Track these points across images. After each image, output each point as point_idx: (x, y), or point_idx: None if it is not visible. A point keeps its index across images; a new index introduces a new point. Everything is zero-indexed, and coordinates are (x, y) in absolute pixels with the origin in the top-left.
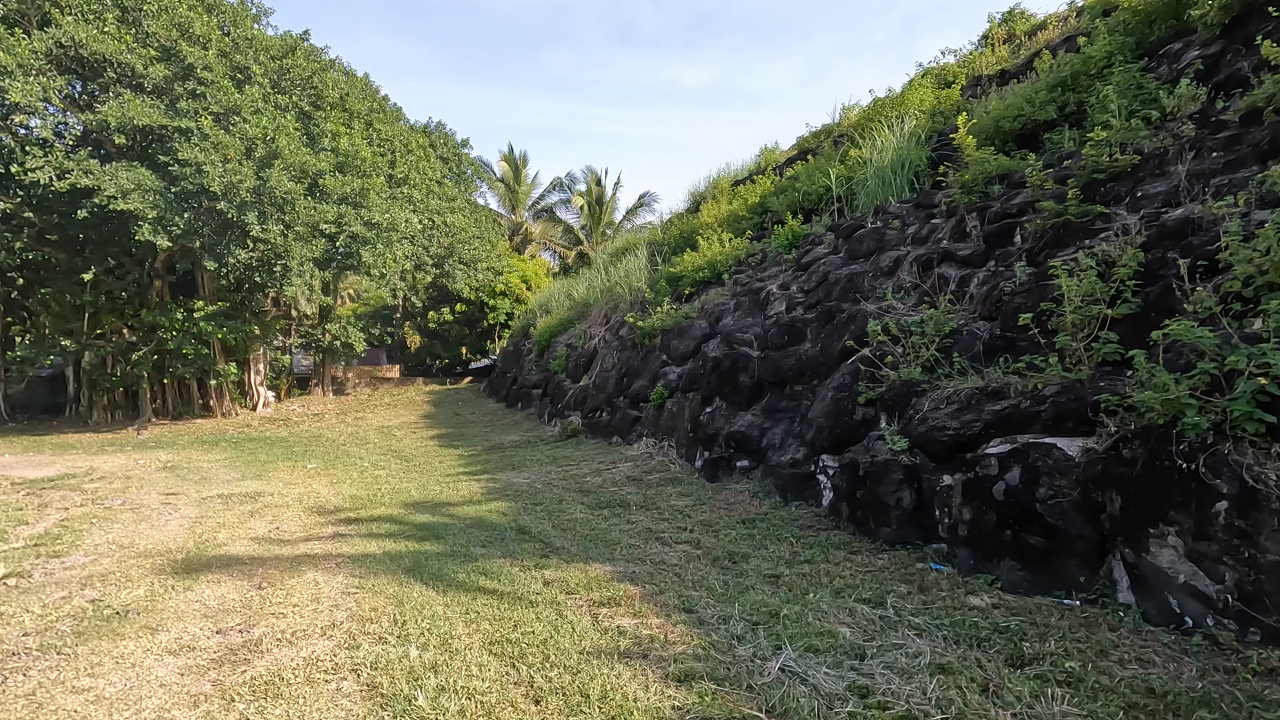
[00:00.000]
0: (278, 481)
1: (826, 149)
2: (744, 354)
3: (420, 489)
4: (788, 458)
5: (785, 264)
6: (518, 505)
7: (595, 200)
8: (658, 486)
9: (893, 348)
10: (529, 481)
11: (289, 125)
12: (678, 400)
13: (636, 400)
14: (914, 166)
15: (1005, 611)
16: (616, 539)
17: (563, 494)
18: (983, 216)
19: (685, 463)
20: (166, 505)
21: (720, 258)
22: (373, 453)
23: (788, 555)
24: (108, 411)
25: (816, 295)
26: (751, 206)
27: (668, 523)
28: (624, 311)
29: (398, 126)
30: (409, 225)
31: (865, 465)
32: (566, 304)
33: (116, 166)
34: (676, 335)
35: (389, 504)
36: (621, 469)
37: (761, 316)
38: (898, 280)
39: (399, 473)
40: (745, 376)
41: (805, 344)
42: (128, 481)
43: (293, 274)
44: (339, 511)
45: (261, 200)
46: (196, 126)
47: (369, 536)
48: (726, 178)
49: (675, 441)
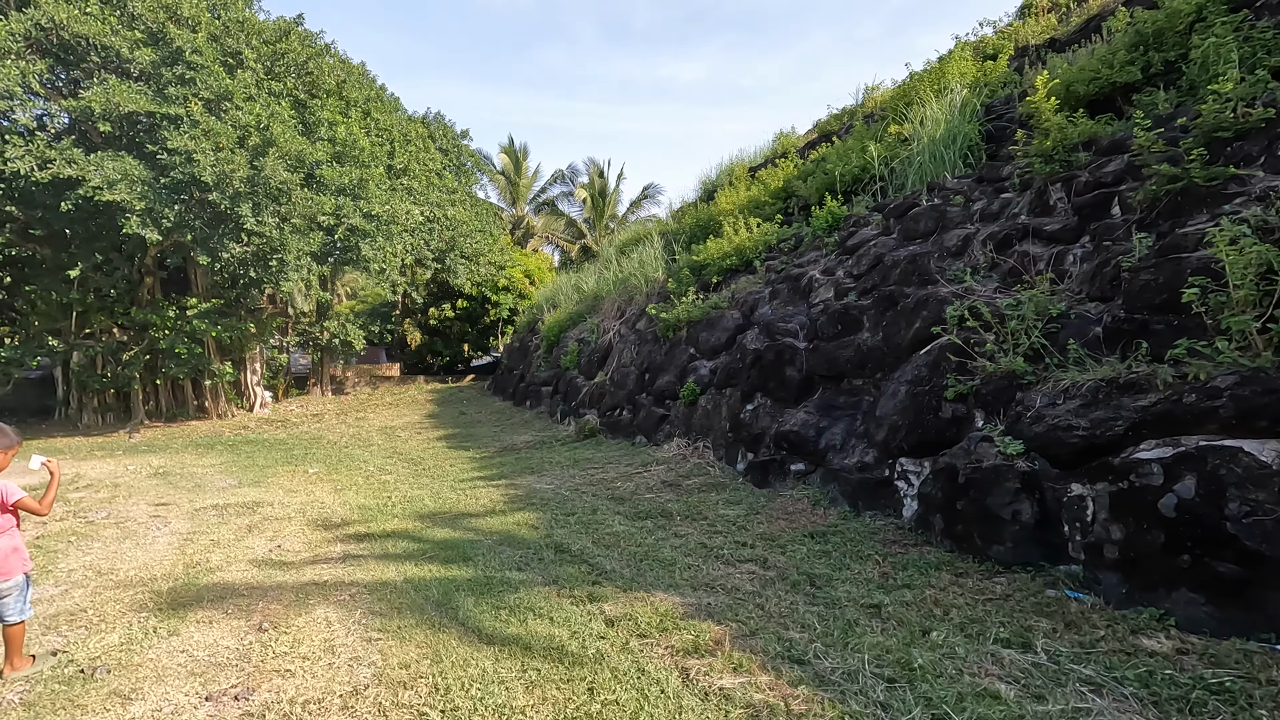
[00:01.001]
0: (277, 489)
1: (858, 128)
2: (789, 345)
3: (434, 497)
4: (853, 461)
5: (826, 248)
6: (547, 516)
7: (598, 193)
8: (700, 493)
9: (983, 335)
10: (553, 487)
11: (284, 112)
12: (712, 397)
13: (662, 397)
14: (966, 141)
15: (1202, 660)
16: (670, 557)
17: (594, 502)
18: (1069, 187)
19: (726, 465)
20: (155, 519)
21: (749, 244)
22: (377, 455)
23: (878, 578)
24: (98, 414)
25: (870, 280)
26: (774, 191)
27: (722, 536)
28: (640, 304)
29: (396, 116)
30: (409, 217)
31: (966, 471)
32: (575, 297)
33: (102, 156)
34: (705, 327)
35: (402, 515)
36: (654, 473)
37: (805, 305)
38: (970, 260)
39: (408, 478)
40: (792, 370)
41: (862, 333)
42: (115, 490)
43: (289, 268)
44: (347, 525)
45: (256, 191)
46: (186, 113)
47: (384, 558)
48: (741, 164)
49: (711, 442)
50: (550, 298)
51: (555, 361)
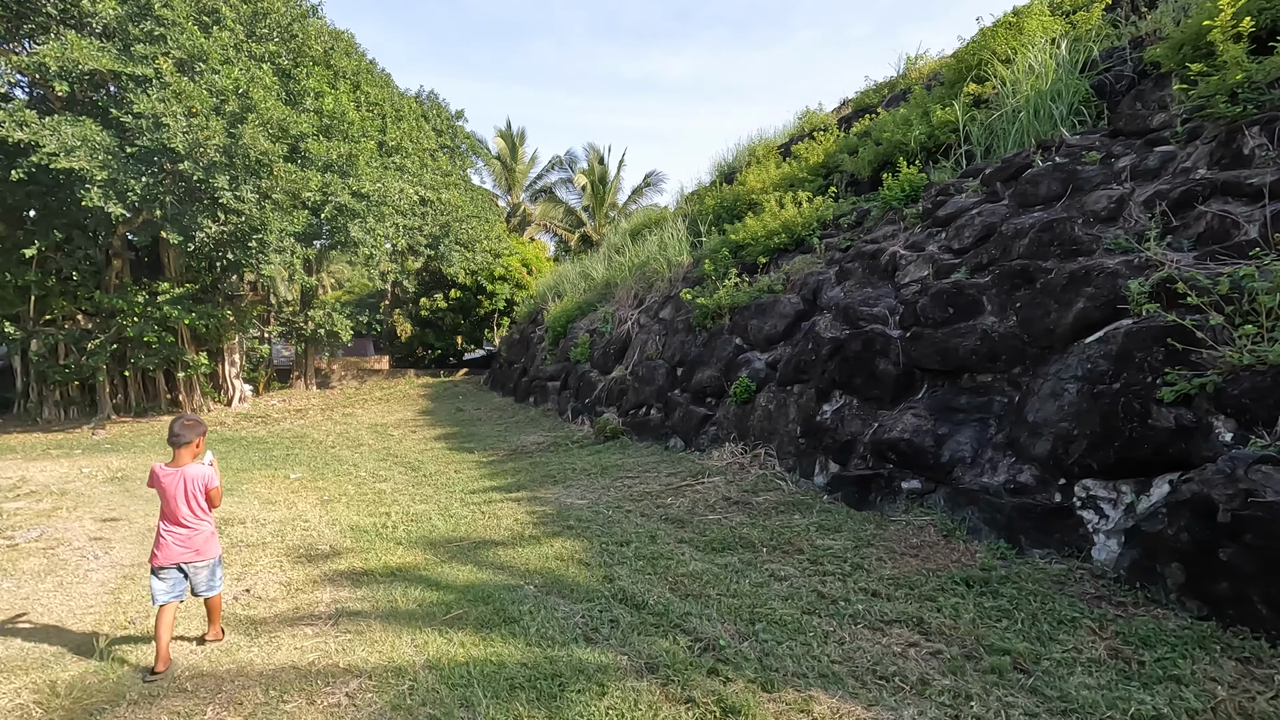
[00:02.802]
0: (252, 499)
1: (917, 94)
2: (878, 333)
3: (444, 515)
4: (999, 479)
5: (905, 220)
6: (595, 547)
7: (598, 179)
8: (778, 514)
9: (1207, 315)
10: (587, 503)
11: (265, 78)
12: (773, 395)
13: (702, 394)
14: (1078, 95)
15: None
16: (791, 618)
17: (647, 525)
18: (1271, 131)
19: (800, 478)
20: (97, 541)
21: (800, 220)
22: (369, 458)
23: (1107, 657)
24: (60, 408)
25: (983, 253)
26: (812, 167)
27: (838, 580)
28: (662, 290)
29: (388, 90)
30: (403, 196)
31: (1233, 506)
32: (583, 286)
33: (59, 119)
34: (756, 314)
35: (407, 542)
36: (710, 486)
37: (890, 285)
38: (1128, 225)
39: (407, 486)
40: (885, 363)
41: (983, 317)
42: (60, 500)
43: (270, 250)
44: (337, 555)
45: (233, 162)
46: (155, 72)
47: (391, 618)
48: (764, 143)
49: (776, 449)
50: (554, 286)
51: (563, 354)
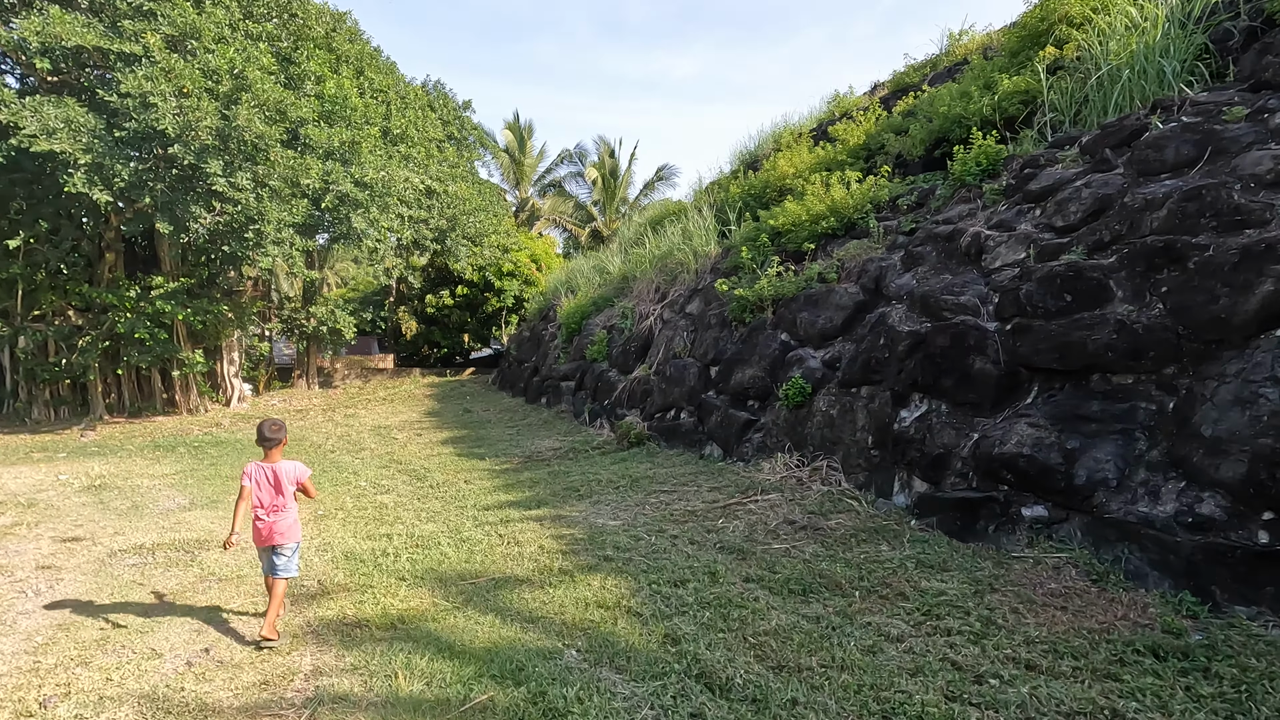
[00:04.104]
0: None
1: (976, 63)
2: (969, 326)
3: (454, 538)
4: (1168, 510)
5: (984, 197)
6: (644, 588)
7: (609, 173)
8: (859, 544)
9: None
10: (622, 524)
11: (262, 57)
12: (834, 398)
13: (742, 396)
14: (1193, 49)
15: None
16: (935, 710)
17: (700, 557)
18: None
19: (876, 498)
20: (44, 572)
21: (850, 203)
22: (370, 464)
23: None
24: (50, 407)
25: (1101, 230)
26: (852, 149)
27: (971, 643)
28: (688, 283)
29: (393, 77)
30: (408, 185)
31: None
32: (597, 280)
33: (40, 100)
34: (806, 306)
35: (411, 576)
36: (765, 505)
37: (975, 271)
38: None
39: (411, 499)
40: (982, 361)
41: (1114, 305)
42: (24, 513)
43: (268, 241)
44: (326, 596)
45: (227, 145)
46: (144, 50)
47: (388, 709)
48: (790, 129)
49: (841, 461)
50: (567, 281)
51: (578, 352)
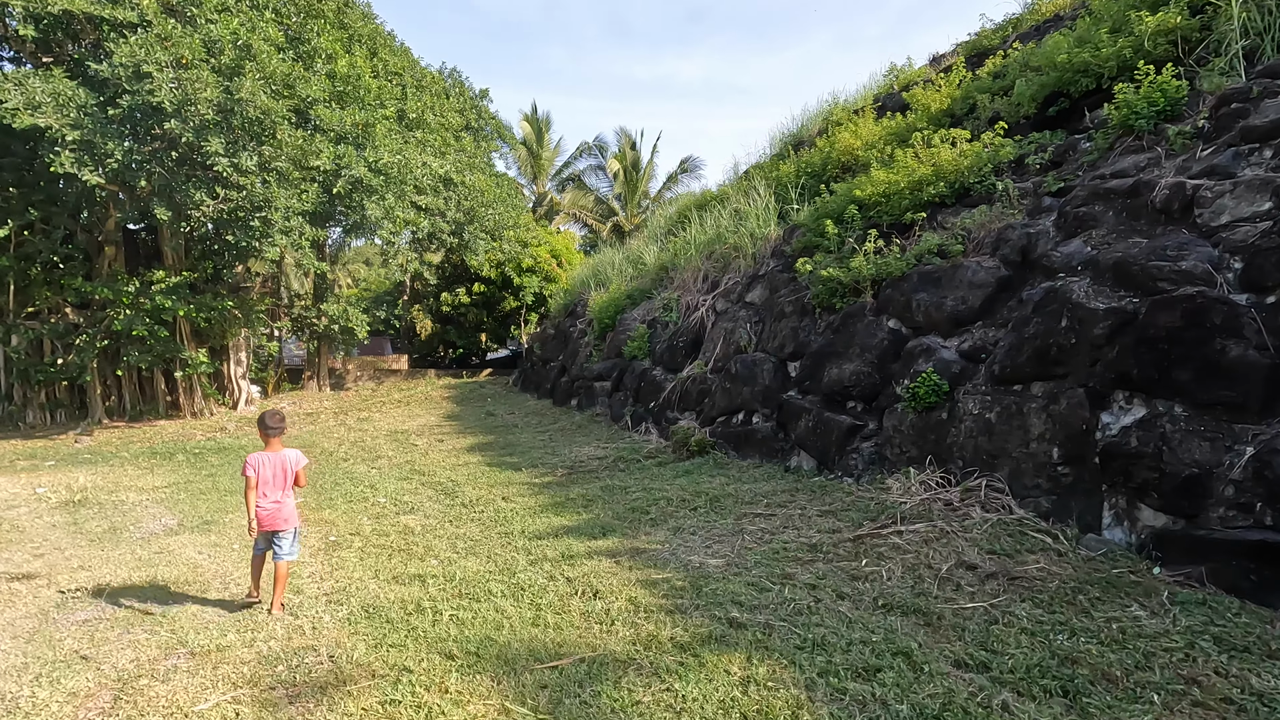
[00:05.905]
0: (229, 544)
1: (1098, 4)
2: (1210, 299)
3: (508, 584)
4: None
5: (1172, 143)
6: (815, 680)
7: (630, 166)
8: (1095, 606)
9: None
10: (725, 564)
11: (268, 27)
12: (988, 398)
13: (839, 397)
14: None
15: None
16: None
17: (869, 622)
18: None
19: (1074, 529)
20: None
21: (962, 164)
22: (389, 475)
23: None
24: (46, 410)
25: None
26: (934, 115)
27: None
28: (743, 270)
29: (408, 59)
30: (427, 170)
31: None
32: (630, 272)
33: (25, 72)
34: (923, 285)
35: (461, 652)
36: (917, 539)
37: (1187, 230)
38: None
39: (443, 522)
40: (1237, 346)
41: None
42: None
43: (275, 230)
44: (337, 689)
45: (228, 121)
46: (138, 16)
47: None
48: (839, 107)
49: (1008, 479)
50: (595, 274)
51: (613, 349)
